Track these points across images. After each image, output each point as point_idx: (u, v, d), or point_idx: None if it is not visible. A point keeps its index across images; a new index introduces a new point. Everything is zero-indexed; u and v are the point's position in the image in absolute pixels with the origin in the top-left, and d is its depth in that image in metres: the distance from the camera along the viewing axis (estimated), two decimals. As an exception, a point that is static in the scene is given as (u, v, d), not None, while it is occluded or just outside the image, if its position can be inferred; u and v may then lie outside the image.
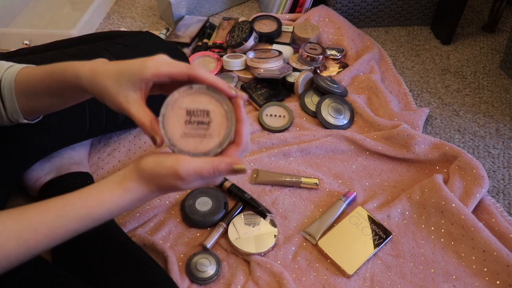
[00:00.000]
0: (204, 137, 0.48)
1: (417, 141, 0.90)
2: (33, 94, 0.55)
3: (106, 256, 0.67)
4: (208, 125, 0.48)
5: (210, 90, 0.48)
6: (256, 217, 0.80)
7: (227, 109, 0.48)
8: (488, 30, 1.30)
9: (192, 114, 0.48)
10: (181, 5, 1.30)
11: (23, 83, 0.55)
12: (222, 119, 0.48)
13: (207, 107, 0.48)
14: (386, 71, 1.15)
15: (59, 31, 1.23)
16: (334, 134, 0.94)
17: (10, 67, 0.57)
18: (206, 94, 0.48)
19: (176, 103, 0.48)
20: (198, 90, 0.48)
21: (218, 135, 0.48)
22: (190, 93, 0.48)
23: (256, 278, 0.72)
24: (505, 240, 0.75)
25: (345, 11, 1.29)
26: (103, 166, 0.91)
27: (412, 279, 0.73)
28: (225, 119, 0.48)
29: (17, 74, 0.55)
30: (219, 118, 0.48)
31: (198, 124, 0.48)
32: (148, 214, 0.80)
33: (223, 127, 0.48)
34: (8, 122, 0.59)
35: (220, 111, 0.48)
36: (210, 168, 0.47)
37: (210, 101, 0.48)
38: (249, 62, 1.08)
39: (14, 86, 0.55)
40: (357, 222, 0.79)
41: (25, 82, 0.55)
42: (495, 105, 1.07)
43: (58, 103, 0.57)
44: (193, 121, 0.48)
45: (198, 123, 0.48)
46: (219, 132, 0.48)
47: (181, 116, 0.48)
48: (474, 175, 0.83)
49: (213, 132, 0.48)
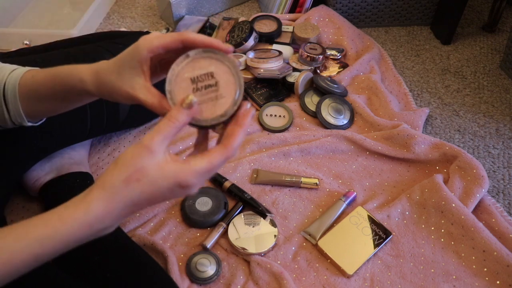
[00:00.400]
0: (217, 99, 0.47)
1: (417, 141, 0.90)
2: (36, 98, 0.55)
3: (106, 256, 0.67)
4: (216, 85, 0.47)
5: (207, 52, 0.47)
6: (256, 217, 0.80)
7: (229, 65, 0.47)
8: (488, 30, 1.30)
9: (197, 81, 0.47)
10: (181, 5, 1.30)
11: (27, 86, 0.55)
12: (228, 76, 0.47)
13: (210, 69, 0.47)
14: (386, 71, 1.15)
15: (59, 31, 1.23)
16: (334, 134, 0.94)
17: (14, 70, 0.57)
18: (204, 57, 0.47)
19: (178, 76, 0.47)
20: (195, 56, 0.47)
21: (229, 94, 0.47)
22: (188, 61, 0.47)
23: (256, 278, 0.72)
24: (505, 240, 0.75)
25: (345, 11, 1.29)
26: (103, 166, 0.91)
27: (412, 279, 0.73)
28: (231, 76, 0.47)
29: (21, 78, 0.55)
30: (225, 76, 0.47)
31: (206, 88, 0.47)
32: (148, 214, 0.80)
33: (231, 84, 0.47)
34: (11, 125, 0.59)
35: (223, 69, 0.47)
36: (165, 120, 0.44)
37: (210, 63, 0.47)
38: (249, 62, 1.08)
39: (18, 89, 0.55)
40: (357, 222, 0.79)
41: (29, 86, 0.55)
42: (495, 105, 1.07)
43: (62, 106, 0.57)
44: (200, 87, 0.47)
45: (205, 87, 0.47)
46: (229, 90, 0.47)
47: (186, 86, 0.46)
48: (474, 175, 0.83)
49: (224, 91, 0.47)
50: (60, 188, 0.80)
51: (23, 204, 0.84)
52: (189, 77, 0.46)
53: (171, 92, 0.46)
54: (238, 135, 0.46)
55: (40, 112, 0.58)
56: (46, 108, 0.57)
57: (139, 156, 0.42)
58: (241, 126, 0.46)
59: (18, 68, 0.57)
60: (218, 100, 0.47)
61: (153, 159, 0.42)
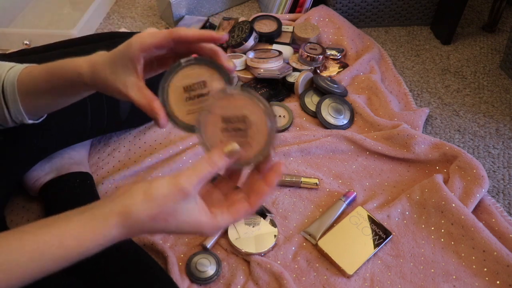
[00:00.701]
0: (243, 145, 0.45)
1: (417, 141, 0.90)
2: (35, 93, 0.55)
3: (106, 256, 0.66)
4: (246, 131, 0.45)
5: (245, 91, 0.45)
6: (256, 217, 0.80)
7: (264, 112, 0.44)
8: (488, 30, 1.30)
9: (229, 121, 0.45)
10: (181, 5, 1.30)
11: (25, 83, 0.55)
12: (260, 124, 0.44)
13: (243, 112, 0.44)
14: (386, 71, 1.15)
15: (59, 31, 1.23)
16: (334, 134, 0.94)
17: (12, 68, 0.57)
18: (241, 95, 0.44)
19: (211, 109, 0.45)
20: (233, 91, 0.45)
21: (258, 143, 0.45)
22: (223, 97, 0.45)
23: (256, 278, 0.72)
24: (505, 240, 0.75)
25: (345, 11, 1.29)
26: (103, 166, 0.91)
27: (412, 279, 0.73)
28: (264, 125, 0.44)
29: (19, 75, 0.55)
30: (257, 124, 0.44)
31: (235, 131, 0.45)
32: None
33: (262, 135, 0.44)
34: (12, 123, 0.59)
35: (257, 115, 0.44)
36: (205, 164, 0.43)
37: (245, 104, 0.44)
38: (249, 62, 1.08)
39: (16, 86, 0.55)
40: (357, 222, 0.79)
41: (27, 82, 0.55)
42: (495, 105, 1.07)
43: (61, 100, 0.57)
44: (230, 128, 0.45)
45: (235, 129, 0.45)
46: (258, 139, 0.45)
47: (216, 123, 0.45)
48: (474, 175, 0.83)
49: (252, 140, 0.45)
50: (60, 188, 0.80)
51: (23, 204, 0.84)
52: (222, 115, 0.45)
53: (201, 124, 0.45)
54: (265, 195, 0.45)
55: (39, 108, 0.58)
56: (45, 104, 0.57)
57: (173, 199, 0.42)
58: (270, 186, 0.45)
59: (16, 65, 0.57)
60: (244, 146, 0.45)
61: (185, 205, 0.42)
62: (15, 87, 0.55)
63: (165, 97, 0.47)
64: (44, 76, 0.54)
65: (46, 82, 0.54)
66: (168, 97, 0.47)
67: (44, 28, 1.33)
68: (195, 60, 0.47)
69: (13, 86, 0.55)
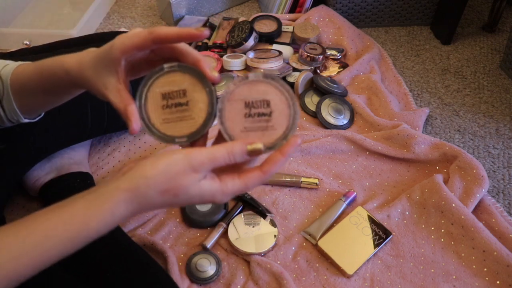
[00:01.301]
0: (267, 130, 0.44)
1: (417, 141, 0.90)
2: (27, 92, 0.55)
3: (106, 256, 0.67)
4: (270, 116, 0.44)
5: (267, 77, 0.44)
6: (256, 217, 0.80)
7: (288, 96, 0.44)
8: (488, 30, 1.30)
9: (252, 106, 0.44)
10: (181, 5, 1.30)
11: (17, 82, 0.54)
12: (283, 108, 0.44)
13: (267, 97, 0.44)
14: (386, 71, 1.15)
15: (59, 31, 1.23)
16: (334, 134, 0.94)
17: (5, 66, 0.56)
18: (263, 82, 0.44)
19: (232, 96, 0.44)
20: (254, 79, 0.44)
21: (281, 127, 0.44)
22: (247, 82, 0.45)
23: (256, 278, 0.72)
24: (505, 240, 0.75)
25: (345, 11, 1.29)
26: (103, 166, 0.91)
27: (412, 279, 0.73)
28: (287, 108, 0.44)
29: (12, 73, 0.55)
30: (280, 107, 0.44)
31: (258, 116, 0.44)
32: (148, 214, 0.80)
33: (285, 117, 0.44)
34: (8, 123, 0.59)
35: (280, 99, 0.44)
36: (224, 153, 0.42)
37: (268, 90, 0.44)
38: (249, 62, 1.08)
39: (10, 85, 0.55)
40: (357, 222, 0.79)
41: (19, 80, 0.54)
42: (495, 105, 1.07)
43: (53, 99, 0.56)
44: (253, 113, 0.44)
45: (258, 115, 0.44)
46: (282, 123, 0.44)
47: (240, 109, 0.44)
48: (474, 175, 0.83)
49: (276, 124, 0.44)
50: (60, 188, 0.80)
51: (23, 204, 0.84)
52: (244, 100, 0.44)
53: (222, 111, 0.44)
54: (278, 163, 0.44)
55: (33, 106, 0.58)
56: (38, 102, 0.57)
57: (184, 175, 0.41)
58: (284, 155, 0.44)
59: (10, 63, 0.56)
60: (267, 131, 0.45)
61: (196, 179, 0.42)
62: (8, 85, 0.54)
63: (143, 103, 0.45)
64: (34, 75, 0.53)
65: (36, 81, 0.53)
66: (146, 102, 0.45)
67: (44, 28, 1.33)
68: (178, 67, 0.45)
69: (7, 85, 0.54)
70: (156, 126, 0.45)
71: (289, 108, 0.44)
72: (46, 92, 0.54)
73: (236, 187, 0.44)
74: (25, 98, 0.56)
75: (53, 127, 0.77)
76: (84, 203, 0.41)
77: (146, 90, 0.45)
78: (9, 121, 0.58)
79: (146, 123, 0.45)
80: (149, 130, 0.45)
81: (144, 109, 0.45)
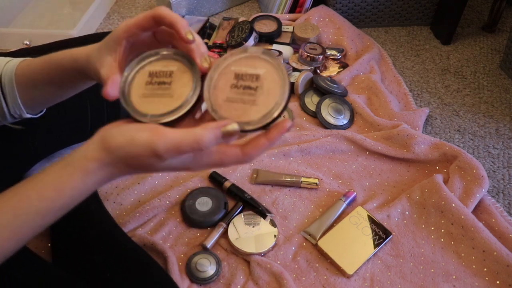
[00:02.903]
0: (248, 103, 0.41)
1: (417, 141, 0.90)
2: (33, 85, 0.55)
3: (106, 256, 0.67)
4: (256, 91, 0.42)
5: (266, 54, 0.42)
6: (256, 217, 0.80)
7: (282, 76, 0.41)
8: (488, 30, 1.30)
9: (240, 78, 0.42)
10: (181, 5, 1.30)
11: (23, 75, 0.55)
12: (273, 86, 0.41)
13: (258, 71, 0.42)
14: (386, 71, 1.15)
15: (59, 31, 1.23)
16: (334, 134, 0.94)
17: (9, 61, 0.57)
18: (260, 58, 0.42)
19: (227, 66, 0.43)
20: (253, 53, 0.43)
21: (265, 106, 0.41)
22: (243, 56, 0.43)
23: (256, 278, 0.72)
24: (505, 240, 0.75)
25: (345, 11, 1.29)
26: (103, 166, 0.91)
27: (412, 279, 0.73)
28: (278, 88, 0.41)
29: (17, 67, 0.55)
30: (270, 85, 0.41)
31: (244, 89, 0.42)
32: (148, 214, 0.80)
33: (272, 96, 0.41)
34: (10, 118, 0.59)
35: (272, 76, 0.42)
36: (191, 141, 0.38)
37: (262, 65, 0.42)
38: (249, 62, 1.08)
39: (14, 79, 0.55)
40: (357, 222, 0.79)
41: (26, 74, 0.55)
42: (495, 105, 1.07)
43: (58, 92, 0.57)
44: (240, 85, 0.42)
45: (244, 87, 0.42)
46: (267, 102, 0.41)
47: (228, 79, 0.42)
48: (474, 175, 0.83)
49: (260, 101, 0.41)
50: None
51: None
52: (235, 71, 0.43)
53: (212, 78, 0.43)
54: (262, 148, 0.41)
55: (37, 100, 0.58)
56: (43, 96, 0.57)
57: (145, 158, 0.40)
58: (270, 140, 0.41)
59: (13, 59, 0.57)
60: (249, 105, 0.42)
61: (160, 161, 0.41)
62: (13, 79, 0.55)
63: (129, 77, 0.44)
64: (41, 66, 0.54)
65: (44, 72, 0.53)
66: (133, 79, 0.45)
67: (44, 28, 1.33)
68: (173, 53, 0.45)
69: (11, 79, 0.55)
70: (132, 98, 0.44)
71: (279, 88, 0.41)
72: (53, 83, 0.55)
73: (212, 161, 0.42)
74: (30, 91, 0.56)
75: (54, 127, 0.77)
76: (55, 174, 0.42)
77: (136, 67, 0.45)
78: (12, 116, 0.58)
79: (123, 94, 0.44)
80: (124, 101, 0.44)
81: (128, 82, 0.45)
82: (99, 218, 0.75)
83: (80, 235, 0.70)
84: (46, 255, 0.73)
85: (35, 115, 0.60)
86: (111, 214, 0.78)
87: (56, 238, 0.73)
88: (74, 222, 0.71)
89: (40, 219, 0.42)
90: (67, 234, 0.71)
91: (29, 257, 0.61)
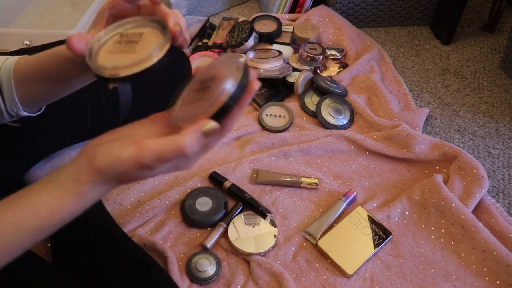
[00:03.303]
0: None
1: (417, 141, 0.90)
2: (31, 81, 0.55)
3: (106, 256, 0.67)
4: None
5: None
6: (256, 217, 0.80)
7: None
8: (488, 30, 1.30)
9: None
10: (181, 5, 1.30)
11: (21, 72, 0.55)
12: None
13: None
14: (386, 71, 1.15)
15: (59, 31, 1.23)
16: (334, 134, 0.94)
17: (7, 59, 0.56)
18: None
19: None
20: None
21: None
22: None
23: (256, 278, 0.72)
24: (505, 240, 0.75)
25: (345, 11, 1.29)
26: (103, 166, 0.91)
27: (412, 279, 0.73)
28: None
29: (15, 65, 0.55)
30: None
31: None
32: (148, 214, 0.80)
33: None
34: (7, 116, 0.58)
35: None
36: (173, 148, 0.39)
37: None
38: (249, 62, 1.08)
39: (12, 76, 0.55)
40: (357, 222, 0.79)
41: (23, 70, 0.55)
42: (495, 105, 1.07)
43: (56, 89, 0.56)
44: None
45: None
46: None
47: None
48: (474, 175, 0.83)
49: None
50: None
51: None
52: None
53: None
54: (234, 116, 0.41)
55: (35, 97, 0.57)
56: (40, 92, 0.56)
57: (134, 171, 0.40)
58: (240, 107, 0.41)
59: (11, 57, 0.57)
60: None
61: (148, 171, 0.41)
62: (11, 77, 0.55)
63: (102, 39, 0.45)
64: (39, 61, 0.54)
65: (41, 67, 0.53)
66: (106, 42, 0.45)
67: (44, 28, 1.32)
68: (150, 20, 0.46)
69: (9, 76, 0.55)
70: (97, 55, 0.44)
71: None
72: (50, 79, 0.54)
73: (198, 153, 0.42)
74: (27, 88, 0.56)
75: (53, 127, 0.77)
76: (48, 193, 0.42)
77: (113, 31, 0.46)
78: (9, 114, 0.58)
79: (91, 51, 0.44)
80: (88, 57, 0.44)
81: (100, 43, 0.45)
82: (99, 218, 0.75)
83: (80, 235, 0.70)
84: (46, 255, 0.73)
85: (33, 113, 0.60)
86: (111, 214, 0.78)
87: (56, 238, 0.73)
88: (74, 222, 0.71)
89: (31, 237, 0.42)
90: (67, 234, 0.71)
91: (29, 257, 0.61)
